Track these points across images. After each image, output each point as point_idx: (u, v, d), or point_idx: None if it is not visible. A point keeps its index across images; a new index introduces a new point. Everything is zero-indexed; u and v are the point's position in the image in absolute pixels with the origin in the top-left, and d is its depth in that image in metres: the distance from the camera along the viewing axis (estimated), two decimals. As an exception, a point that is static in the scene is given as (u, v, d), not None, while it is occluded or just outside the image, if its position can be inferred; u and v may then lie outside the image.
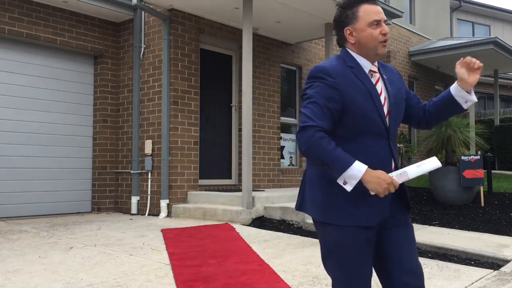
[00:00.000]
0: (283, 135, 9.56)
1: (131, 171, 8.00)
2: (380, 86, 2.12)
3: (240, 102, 8.46)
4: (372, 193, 1.96)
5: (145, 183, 7.89)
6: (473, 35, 20.94)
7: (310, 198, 2.12)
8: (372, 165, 1.98)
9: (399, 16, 9.01)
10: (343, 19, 2.13)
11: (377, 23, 2.08)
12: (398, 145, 11.14)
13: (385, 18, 2.12)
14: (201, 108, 8.11)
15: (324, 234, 2.10)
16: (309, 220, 6.47)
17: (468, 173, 7.92)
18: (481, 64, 2.14)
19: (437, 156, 10.13)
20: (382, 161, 2.07)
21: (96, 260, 4.59)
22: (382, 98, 2.10)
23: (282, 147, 9.55)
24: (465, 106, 2.20)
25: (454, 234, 5.90)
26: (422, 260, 4.65)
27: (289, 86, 9.93)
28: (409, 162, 12.01)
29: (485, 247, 5.12)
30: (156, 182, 7.71)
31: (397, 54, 12.06)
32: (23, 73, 7.57)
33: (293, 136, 9.84)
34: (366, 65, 2.12)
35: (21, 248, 5.09)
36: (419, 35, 13.45)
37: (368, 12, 2.08)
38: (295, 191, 8.07)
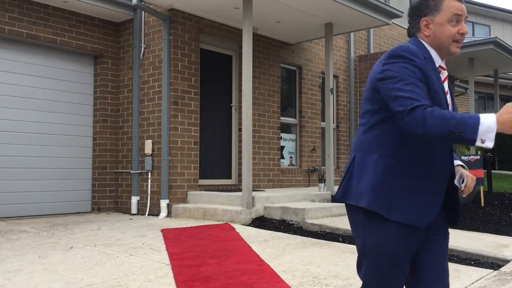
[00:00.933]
0: (283, 135, 9.56)
1: (131, 171, 8.00)
2: (446, 85, 2.03)
3: (240, 102, 8.46)
4: (460, 187, 1.86)
5: (145, 183, 7.89)
6: (473, 35, 20.95)
7: (357, 186, 1.94)
8: (433, 164, 1.92)
9: (399, 16, 9.01)
10: (423, 8, 2.00)
11: (458, 19, 1.96)
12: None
13: (466, 15, 1.99)
14: (201, 108, 8.11)
15: (365, 230, 1.92)
16: (309, 220, 6.47)
17: (468, 173, 7.92)
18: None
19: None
20: (444, 160, 1.98)
21: (96, 260, 4.59)
22: (448, 97, 2.01)
23: (282, 147, 9.55)
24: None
25: (454, 234, 5.90)
26: (422, 260, 4.65)
27: (289, 86, 9.93)
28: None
29: (485, 247, 5.12)
30: (156, 182, 7.71)
31: (397, 54, 12.05)
32: (23, 73, 7.57)
33: (293, 136, 9.83)
34: (437, 59, 2.01)
35: (21, 248, 5.09)
36: (419, 35, 13.43)
37: (451, 7, 1.96)
38: (295, 191, 8.07)
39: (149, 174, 7.82)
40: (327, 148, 8.60)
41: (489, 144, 1.73)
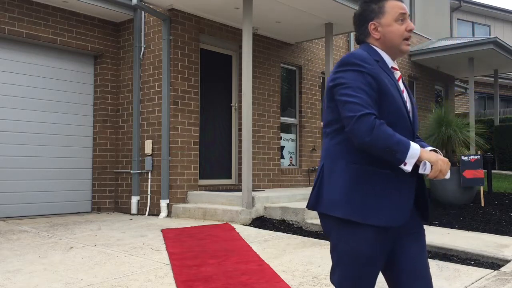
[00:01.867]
0: (283, 135, 9.56)
1: (131, 171, 8.00)
2: (401, 84, 2.08)
3: (240, 102, 8.46)
4: (425, 171, 1.87)
5: (145, 183, 7.89)
6: (473, 35, 20.95)
7: (329, 195, 1.96)
8: None
9: (399, 16, 9.01)
10: (367, 14, 2.06)
11: (403, 17, 2.03)
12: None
13: (409, 13, 2.11)
14: (201, 108, 8.11)
15: (341, 237, 1.96)
16: (309, 220, 6.47)
17: (468, 173, 7.92)
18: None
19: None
20: None
21: (96, 260, 4.59)
22: (405, 95, 2.05)
23: (282, 147, 9.55)
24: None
25: (454, 234, 5.90)
26: (422, 260, 4.65)
27: (289, 86, 9.93)
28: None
29: (485, 247, 5.12)
30: (156, 182, 7.71)
31: (397, 54, 12.04)
32: (23, 73, 7.57)
33: (293, 136, 9.84)
34: (388, 61, 2.06)
35: (21, 248, 5.09)
36: (419, 35, 13.45)
37: (394, 7, 2.03)
38: (295, 191, 8.07)
39: (149, 174, 7.82)
40: (327, 148, 8.59)
41: (408, 168, 1.84)
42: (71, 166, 8.05)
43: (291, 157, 9.74)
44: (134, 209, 7.91)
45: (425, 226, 6.41)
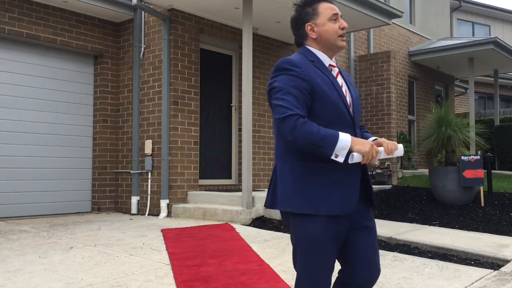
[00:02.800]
0: (283, 135, 9.54)
1: (131, 171, 8.00)
2: (340, 79, 2.23)
3: (240, 102, 8.46)
4: (356, 159, 2.01)
5: (145, 183, 7.89)
6: (473, 35, 20.95)
7: (282, 193, 2.13)
8: None
9: (399, 16, 9.01)
10: (303, 16, 2.23)
11: (336, 17, 2.21)
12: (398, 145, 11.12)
13: (341, 14, 2.25)
14: (201, 108, 8.11)
15: (297, 229, 2.13)
16: (309, 220, 6.46)
17: (468, 173, 7.92)
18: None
19: (437, 156, 10.16)
20: None
21: (96, 260, 4.59)
22: (344, 89, 2.20)
23: (282, 147, 9.54)
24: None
25: (454, 234, 5.90)
26: (422, 260, 4.66)
27: (289, 86, 9.92)
28: (409, 162, 12.01)
29: (485, 247, 5.12)
30: (156, 182, 7.71)
31: (397, 54, 12.06)
32: (23, 73, 7.57)
33: (293, 136, 9.83)
34: (325, 59, 2.21)
35: (21, 248, 5.09)
36: (419, 35, 13.45)
37: (326, 8, 2.21)
38: (295, 191, 8.06)
39: (149, 174, 7.82)
40: (327, 148, 8.60)
41: (340, 159, 2.00)
42: (71, 166, 8.05)
43: (291, 157, 9.74)
44: (134, 209, 7.91)
45: (425, 226, 6.40)
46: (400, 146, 2.19)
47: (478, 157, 7.95)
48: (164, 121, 7.54)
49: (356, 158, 2.01)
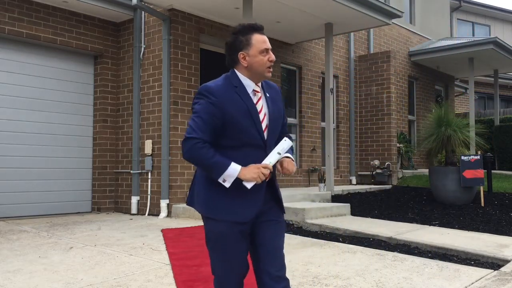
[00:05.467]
0: (283, 135, 9.55)
1: (131, 171, 8.00)
2: (261, 104, 2.41)
3: (240, 102, 8.45)
4: (250, 185, 2.27)
5: (145, 183, 7.89)
6: (473, 35, 20.94)
7: (197, 195, 2.43)
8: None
9: (399, 16, 9.01)
10: (237, 44, 2.39)
11: (266, 51, 2.40)
12: (398, 145, 11.15)
13: (271, 47, 2.44)
14: (201, 108, 8.09)
15: (206, 226, 2.44)
16: (309, 220, 6.47)
17: (468, 173, 7.92)
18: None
19: (437, 156, 10.16)
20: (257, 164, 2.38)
21: (96, 260, 4.59)
22: (262, 114, 2.39)
23: (282, 147, 9.54)
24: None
25: (454, 234, 5.90)
26: (422, 260, 4.66)
27: (289, 86, 9.93)
28: (409, 162, 12.01)
29: (485, 247, 5.12)
30: (156, 182, 7.71)
31: (397, 54, 12.06)
32: (23, 73, 7.57)
33: (293, 136, 9.84)
34: (250, 85, 2.40)
35: (21, 248, 5.09)
36: (419, 35, 13.45)
37: (259, 41, 2.39)
38: (295, 191, 8.07)
39: (149, 174, 7.82)
40: (327, 148, 8.61)
41: (226, 184, 2.28)
42: (71, 166, 8.05)
43: (291, 157, 9.74)
44: (134, 209, 7.91)
45: (425, 226, 6.41)
46: (286, 140, 2.41)
47: (478, 157, 7.95)
48: (164, 121, 7.54)
49: (248, 184, 2.28)
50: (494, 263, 4.64)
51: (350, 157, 10.96)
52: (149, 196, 7.79)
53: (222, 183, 2.28)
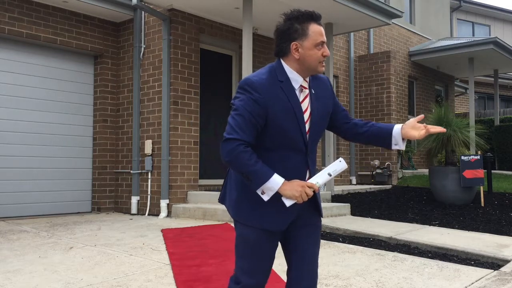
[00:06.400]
0: (283, 135, 9.54)
1: (131, 171, 8.00)
2: (306, 103, 2.19)
3: (240, 102, 8.45)
4: (289, 203, 2.06)
5: (145, 183, 7.89)
6: (473, 35, 20.95)
7: (229, 194, 2.26)
8: (287, 176, 2.12)
9: (399, 16, 9.01)
10: (291, 32, 2.15)
11: (322, 44, 2.16)
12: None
13: (326, 40, 2.21)
14: (201, 108, 8.10)
15: (236, 230, 2.25)
16: (309, 220, 6.46)
17: (468, 173, 7.92)
18: (422, 133, 2.27)
19: (437, 156, 10.17)
20: (298, 172, 2.19)
21: (96, 260, 4.59)
22: (306, 115, 2.18)
23: (282, 147, 9.54)
24: (393, 147, 2.34)
25: (454, 234, 5.90)
26: (422, 260, 4.66)
27: (289, 86, 9.92)
28: (409, 162, 12.01)
29: (485, 247, 5.12)
30: (156, 182, 7.71)
31: (397, 54, 12.06)
32: (23, 73, 7.57)
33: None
34: (298, 79, 2.18)
35: (21, 248, 5.09)
36: (419, 35, 13.45)
37: (316, 33, 2.15)
38: (295, 191, 8.05)
39: (149, 174, 7.82)
40: (327, 148, 8.60)
41: (265, 197, 2.07)
42: (71, 166, 8.05)
43: (291, 157, 9.73)
44: (134, 209, 7.91)
45: (425, 226, 6.41)
46: (342, 161, 2.19)
47: (478, 157, 7.95)
48: (164, 121, 7.54)
49: (288, 202, 2.07)
50: (494, 263, 4.64)
51: (350, 157, 10.96)
52: (149, 196, 7.79)
53: (261, 195, 2.07)
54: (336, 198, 8.24)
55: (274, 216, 2.14)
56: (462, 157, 8.03)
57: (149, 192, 7.79)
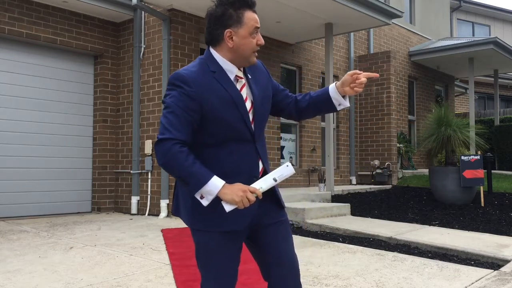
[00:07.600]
0: (283, 135, 9.56)
1: (131, 171, 8.00)
2: (245, 92, 2.06)
3: (240, 102, 8.45)
4: (229, 208, 1.90)
5: (145, 183, 7.89)
6: (473, 35, 20.95)
7: (183, 203, 2.09)
8: (240, 168, 2.02)
9: (399, 16, 9.01)
10: (225, 19, 1.99)
11: (257, 31, 2.03)
12: (398, 145, 11.15)
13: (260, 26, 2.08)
14: (201, 108, 8.09)
15: (194, 239, 2.10)
16: (309, 220, 6.47)
17: (468, 173, 7.92)
18: (363, 82, 2.10)
19: (437, 156, 10.17)
20: (250, 163, 2.07)
21: (96, 260, 4.59)
22: (248, 104, 2.06)
23: (282, 147, 9.55)
24: (338, 108, 2.21)
25: (454, 234, 5.90)
26: (422, 260, 4.66)
27: (289, 86, 9.92)
28: (409, 162, 12.01)
29: (485, 247, 5.12)
30: (156, 182, 7.71)
31: (397, 54, 12.06)
32: (23, 73, 7.56)
33: (293, 136, 9.85)
34: (232, 70, 2.04)
35: (21, 248, 5.09)
36: (419, 35, 13.45)
37: (251, 19, 2.01)
38: (295, 191, 8.07)
39: (149, 174, 7.82)
40: (327, 148, 8.60)
41: (205, 202, 1.91)
42: (71, 166, 8.04)
43: (291, 157, 9.74)
44: (134, 209, 7.91)
45: (425, 226, 6.38)
46: (289, 166, 2.05)
47: (478, 157, 7.95)
48: (164, 121, 7.52)
49: (228, 207, 1.91)
50: (494, 263, 4.64)
51: (350, 157, 10.96)
52: (149, 196, 7.79)
53: (200, 200, 1.91)
54: (336, 198, 8.24)
55: (233, 216, 1.98)
56: (462, 157, 8.03)
57: (149, 192, 7.79)
